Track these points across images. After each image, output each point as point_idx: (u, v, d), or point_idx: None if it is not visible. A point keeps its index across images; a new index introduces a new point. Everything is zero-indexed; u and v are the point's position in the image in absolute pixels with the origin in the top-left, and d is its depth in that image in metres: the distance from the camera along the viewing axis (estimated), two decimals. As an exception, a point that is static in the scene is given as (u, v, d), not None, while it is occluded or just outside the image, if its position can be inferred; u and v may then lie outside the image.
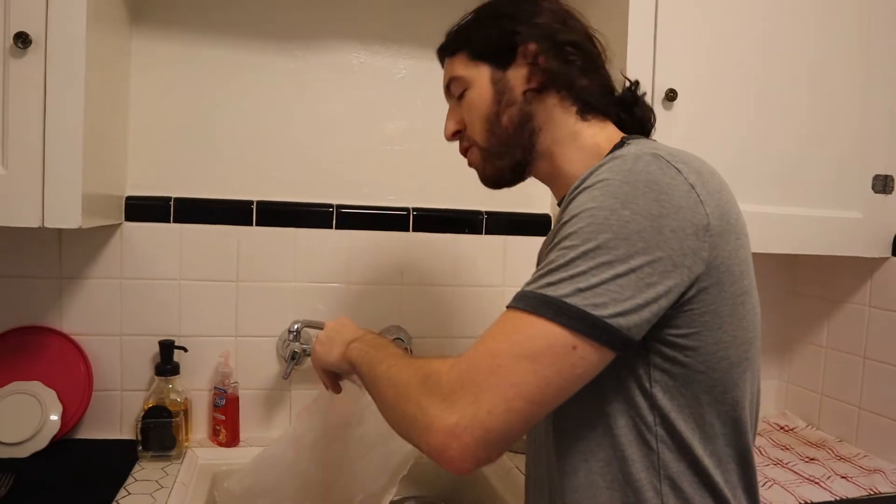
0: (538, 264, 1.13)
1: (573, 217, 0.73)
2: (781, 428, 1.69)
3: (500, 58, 0.92)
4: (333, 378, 1.08)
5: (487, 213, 1.63)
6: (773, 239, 1.42)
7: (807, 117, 1.42)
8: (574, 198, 0.75)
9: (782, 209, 1.42)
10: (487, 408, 0.68)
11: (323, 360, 1.04)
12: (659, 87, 1.31)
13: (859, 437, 1.56)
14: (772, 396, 1.82)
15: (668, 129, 1.31)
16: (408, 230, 1.59)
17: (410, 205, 1.60)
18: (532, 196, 1.64)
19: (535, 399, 0.69)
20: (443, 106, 1.57)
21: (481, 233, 1.64)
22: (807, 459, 1.47)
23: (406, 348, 1.56)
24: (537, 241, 1.61)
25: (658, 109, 1.31)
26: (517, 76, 0.92)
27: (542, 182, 0.98)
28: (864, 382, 1.56)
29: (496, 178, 0.98)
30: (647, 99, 1.28)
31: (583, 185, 0.76)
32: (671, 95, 1.30)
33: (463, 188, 1.61)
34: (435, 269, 1.61)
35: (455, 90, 0.98)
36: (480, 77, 0.94)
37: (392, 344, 0.94)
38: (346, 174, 1.56)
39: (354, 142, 1.57)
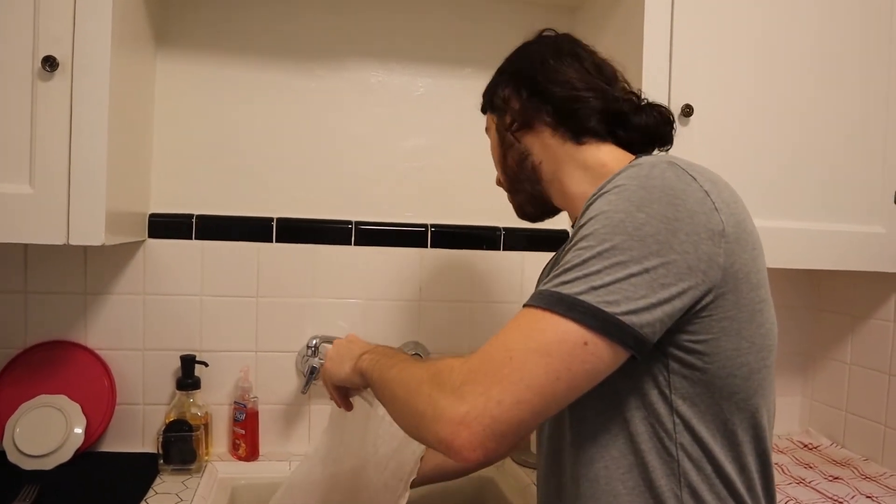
0: (540, 281, 1.15)
1: (589, 220, 0.75)
2: (805, 446, 1.66)
3: (496, 107, 1.04)
4: (344, 394, 1.09)
5: (505, 229, 1.64)
6: (794, 254, 1.40)
7: (830, 133, 1.41)
8: (591, 203, 0.77)
9: (805, 225, 1.40)
10: (497, 398, 0.69)
11: (334, 375, 1.05)
12: (675, 103, 1.30)
13: (885, 456, 1.53)
14: (795, 414, 1.80)
15: (685, 145, 1.30)
16: (426, 246, 1.60)
17: (429, 221, 1.61)
18: (550, 212, 1.65)
19: (545, 392, 0.69)
20: (460, 122, 1.61)
21: (499, 249, 1.64)
22: (830, 478, 1.44)
23: (424, 363, 1.56)
24: (555, 257, 1.64)
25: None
26: (506, 120, 1.01)
27: (561, 208, 1.02)
28: (890, 399, 1.53)
29: (521, 212, 1.08)
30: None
31: (600, 192, 0.77)
32: (687, 111, 1.30)
33: (481, 204, 1.62)
34: (453, 285, 1.62)
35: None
36: (492, 127, 1.06)
37: (402, 352, 0.96)
38: (364, 191, 1.58)
39: (373, 159, 1.59)
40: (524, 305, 0.75)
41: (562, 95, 0.94)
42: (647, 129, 0.96)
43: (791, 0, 1.38)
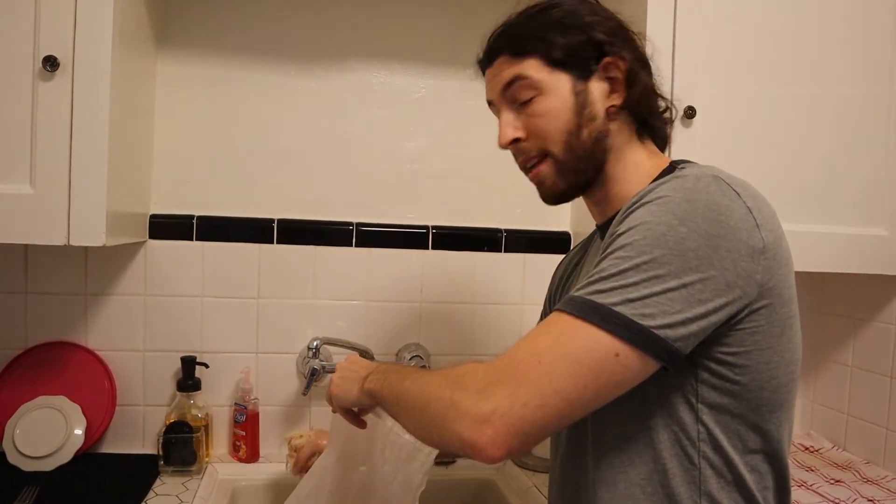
0: (555, 285, 1.14)
1: (629, 229, 0.74)
2: (806, 449, 1.66)
3: (581, 68, 0.87)
4: (355, 416, 1.06)
5: (506, 230, 1.63)
6: (797, 257, 1.35)
7: (833, 135, 1.41)
8: (632, 212, 0.76)
9: (806, 227, 1.40)
10: (523, 400, 0.69)
11: (344, 401, 1.01)
12: (678, 104, 1.29)
13: (887, 459, 1.52)
14: (797, 417, 1.79)
15: (688, 147, 1.30)
16: (427, 248, 1.60)
17: (430, 223, 1.60)
18: (551, 213, 1.64)
19: (571, 399, 0.70)
20: (461, 123, 1.60)
21: (500, 250, 1.64)
22: (832, 481, 1.44)
23: (424, 366, 1.55)
24: (556, 259, 1.62)
25: (677, 126, 1.30)
26: (599, 90, 0.87)
27: (590, 203, 0.96)
28: (892, 402, 1.52)
29: (563, 194, 0.92)
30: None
31: (642, 201, 0.76)
32: (690, 113, 1.30)
33: (482, 206, 1.62)
34: (454, 287, 1.62)
35: (521, 94, 0.89)
36: (559, 85, 0.87)
37: (409, 366, 0.95)
38: (365, 192, 1.58)
39: (374, 160, 1.58)
40: (554, 310, 0.75)
41: (652, 88, 0.90)
42: (665, 140, 0.96)
43: (792, 1, 1.37)
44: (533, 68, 0.88)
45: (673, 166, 0.88)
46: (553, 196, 0.93)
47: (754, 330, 0.75)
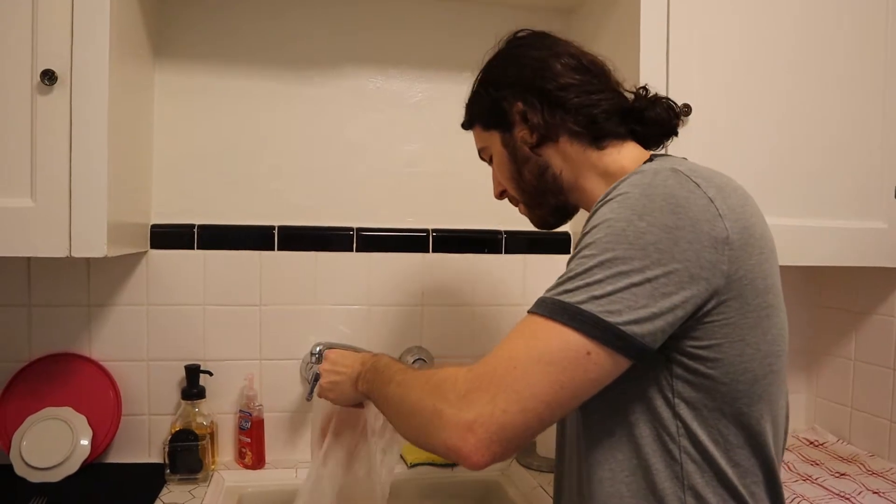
0: None
1: (593, 228, 0.75)
2: (811, 443, 1.66)
3: (501, 123, 0.98)
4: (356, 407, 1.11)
5: (507, 232, 1.64)
6: (796, 251, 1.40)
7: (828, 129, 1.41)
8: (596, 210, 0.78)
9: (805, 221, 1.40)
10: (503, 406, 0.70)
11: (343, 402, 1.09)
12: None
13: (891, 451, 1.53)
14: (800, 411, 1.79)
15: (684, 144, 1.30)
16: (427, 251, 1.61)
17: (429, 226, 1.61)
18: (550, 214, 1.65)
19: (549, 401, 0.71)
20: (458, 126, 1.59)
21: (501, 252, 1.64)
22: (837, 475, 1.44)
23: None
24: (557, 260, 1.65)
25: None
26: (521, 135, 0.97)
27: (586, 210, 0.98)
28: (895, 394, 1.52)
29: (543, 223, 1.05)
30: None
31: (605, 199, 0.78)
32: (685, 111, 1.30)
33: (481, 208, 1.62)
34: (455, 290, 1.62)
35: (485, 157, 1.06)
36: (495, 143, 1.01)
37: (392, 361, 0.96)
38: (365, 197, 1.59)
39: (372, 165, 1.59)
40: (528, 312, 0.76)
41: (578, 102, 0.92)
42: (661, 122, 0.95)
43: (786, -3, 1.38)
44: (478, 135, 1.05)
45: (649, 160, 0.89)
46: (540, 226, 1.06)
47: (724, 322, 0.75)
